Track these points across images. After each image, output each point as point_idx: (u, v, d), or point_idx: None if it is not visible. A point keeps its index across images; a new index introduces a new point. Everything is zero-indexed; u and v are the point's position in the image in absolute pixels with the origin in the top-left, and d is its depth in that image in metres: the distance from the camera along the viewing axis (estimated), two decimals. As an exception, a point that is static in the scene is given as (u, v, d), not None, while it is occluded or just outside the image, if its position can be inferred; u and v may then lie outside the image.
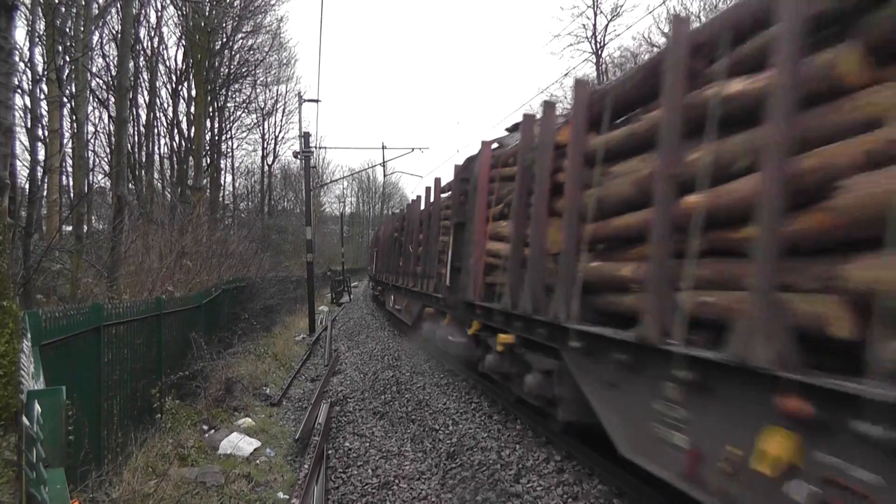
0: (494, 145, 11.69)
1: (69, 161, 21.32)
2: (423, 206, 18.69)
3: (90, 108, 25.66)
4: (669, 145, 5.65)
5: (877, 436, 3.46)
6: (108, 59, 28.17)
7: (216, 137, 38.33)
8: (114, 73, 26.14)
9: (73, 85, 20.15)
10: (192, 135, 32.89)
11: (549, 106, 8.66)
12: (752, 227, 4.56)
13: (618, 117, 7.26)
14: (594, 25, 39.78)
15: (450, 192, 14.65)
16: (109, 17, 26.01)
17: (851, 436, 3.63)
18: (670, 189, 5.56)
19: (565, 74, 52.56)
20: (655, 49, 33.54)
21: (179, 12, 32.53)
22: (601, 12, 39.76)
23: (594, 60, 39.78)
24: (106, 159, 28.20)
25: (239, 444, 9.92)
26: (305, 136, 30.22)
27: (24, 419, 3.17)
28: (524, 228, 9.11)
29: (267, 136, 50.13)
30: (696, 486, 5.02)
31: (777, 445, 4.15)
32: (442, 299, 14.13)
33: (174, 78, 34.06)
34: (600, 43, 39.87)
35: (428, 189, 17.93)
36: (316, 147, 40.51)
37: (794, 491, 4.03)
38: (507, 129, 10.93)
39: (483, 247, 11.15)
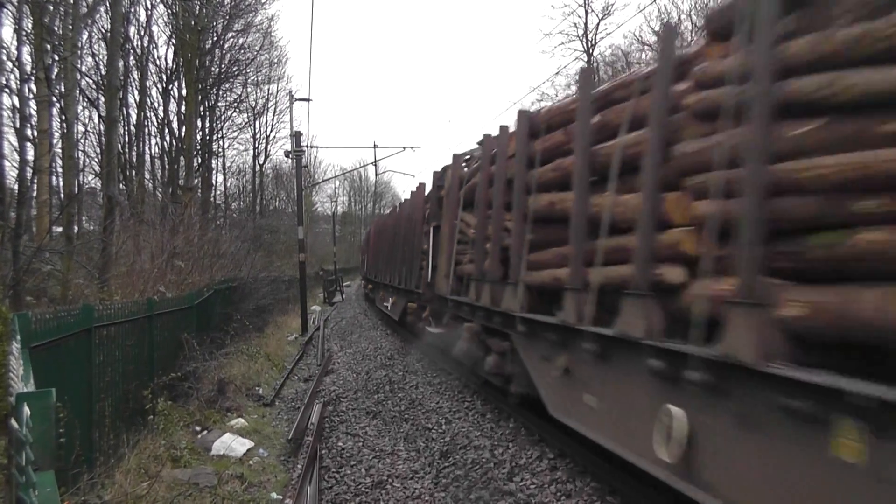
0: (467, 156, 13.10)
1: (59, 161, 21.20)
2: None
3: (80, 107, 25.52)
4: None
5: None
6: (97, 59, 28.00)
7: (207, 137, 38.17)
8: (103, 72, 25.97)
9: (63, 84, 20.03)
10: (183, 134, 32.71)
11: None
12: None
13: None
14: (585, 24, 39.86)
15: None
16: (98, 15, 25.87)
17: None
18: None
19: (557, 73, 52.75)
20: (646, 47, 33.64)
21: (169, 11, 32.35)
22: (592, 11, 39.83)
23: (585, 59, 39.83)
24: (96, 159, 28.05)
25: (232, 444, 9.89)
26: (297, 136, 30.18)
27: (13, 422, 3.14)
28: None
29: (258, 136, 49.91)
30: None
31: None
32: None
33: (164, 77, 33.87)
34: (591, 41, 39.95)
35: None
36: (307, 146, 40.43)
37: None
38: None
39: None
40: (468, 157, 12.96)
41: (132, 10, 29.46)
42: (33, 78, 17.85)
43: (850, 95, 4.04)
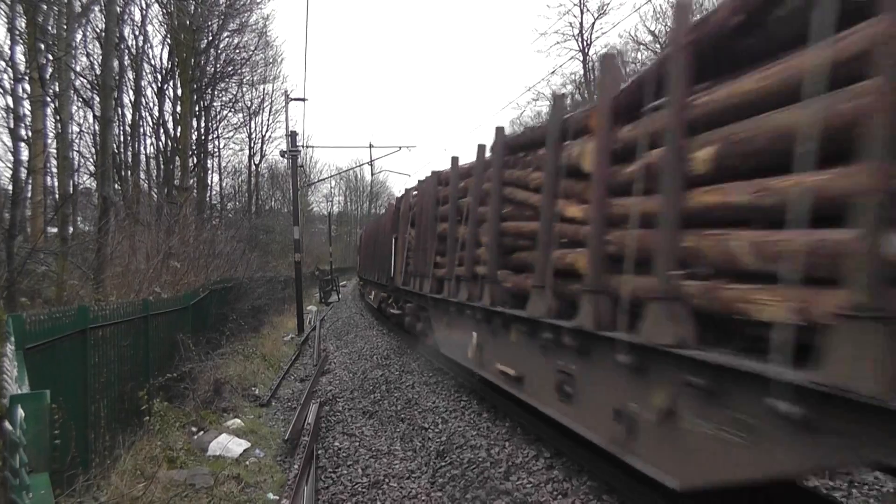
0: (415, 191, 17.37)
1: (53, 161, 21.12)
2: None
3: (74, 107, 25.42)
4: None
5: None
6: (92, 58, 27.98)
7: (202, 137, 38.15)
8: (98, 72, 25.96)
9: (57, 84, 19.92)
10: (179, 134, 32.70)
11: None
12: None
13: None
14: (581, 23, 39.91)
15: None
16: (93, 14, 25.80)
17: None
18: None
19: (552, 72, 52.72)
20: (642, 46, 33.66)
21: (164, 10, 32.31)
22: (587, 10, 39.92)
23: (581, 58, 39.87)
24: (91, 160, 27.99)
25: (228, 445, 9.89)
26: (292, 135, 30.14)
27: (7, 424, 3.12)
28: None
29: (254, 136, 49.90)
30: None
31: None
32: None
33: (159, 77, 33.86)
34: (587, 41, 39.99)
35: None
36: (303, 146, 40.40)
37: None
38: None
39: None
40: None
41: (127, 9, 29.43)
42: (27, 78, 17.77)
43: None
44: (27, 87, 18.08)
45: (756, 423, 4.30)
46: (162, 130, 33.51)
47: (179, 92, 33.44)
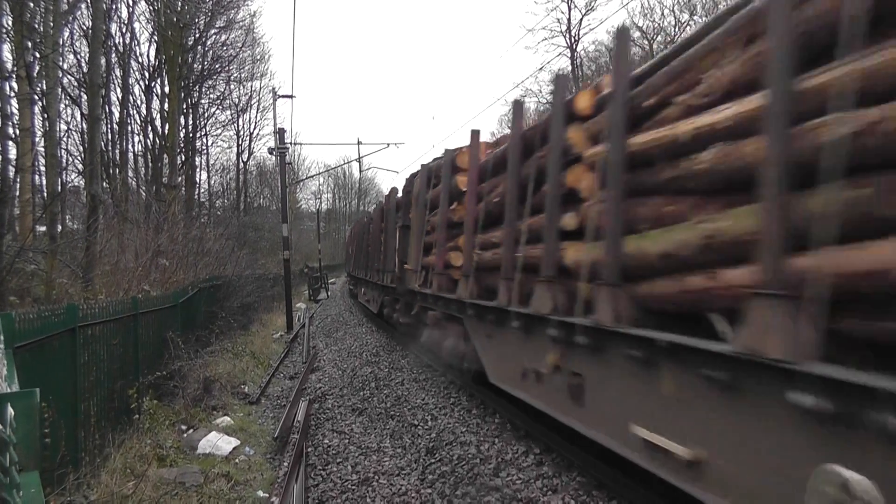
0: (398, 193, 16.89)
1: (41, 160, 21.03)
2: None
3: (62, 105, 25.28)
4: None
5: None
6: (79, 56, 27.81)
7: (190, 134, 38.06)
8: (85, 69, 25.80)
9: (44, 82, 19.84)
10: (166, 132, 32.55)
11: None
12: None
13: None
14: (568, 20, 40.01)
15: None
16: (79, 12, 25.71)
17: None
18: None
19: (540, 68, 52.75)
20: (630, 42, 33.70)
21: (151, 7, 32.20)
22: (575, 6, 39.98)
23: (569, 54, 39.93)
24: (79, 158, 27.82)
25: (218, 443, 9.89)
26: (280, 133, 30.10)
27: (-3, 423, 3.13)
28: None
29: (242, 133, 49.80)
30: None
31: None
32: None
33: (147, 74, 33.72)
34: (575, 37, 40.06)
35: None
36: (291, 143, 40.42)
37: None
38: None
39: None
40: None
41: (113, 6, 29.29)
42: (14, 76, 17.69)
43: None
44: (14, 85, 17.97)
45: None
46: (150, 128, 33.38)
47: (167, 89, 33.28)
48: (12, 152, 18.01)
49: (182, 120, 35.81)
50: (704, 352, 4.54)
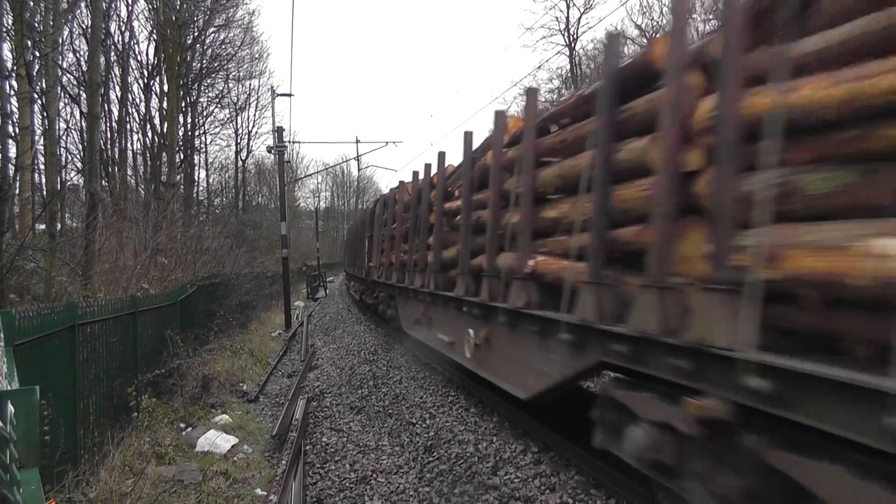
0: (379, 200, 21.09)
1: (41, 158, 21.05)
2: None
3: (61, 104, 25.25)
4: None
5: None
6: (78, 55, 27.83)
7: (189, 133, 38.06)
8: (84, 68, 25.81)
9: (44, 81, 19.85)
10: (165, 130, 32.57)
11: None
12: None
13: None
14: (567, 18, 39.99)
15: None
16: (79, 11, 25.70)
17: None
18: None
19: (538, 67, 52.80)
20: (629, 41, 33.72)
21: (150, 6, 32.22)
22: (574, 5, 39.96)
23: (567, 53, 39.94)
24: (78, 156, 27.79)
25: (216, 441, 9.91)
26: (279, 131, 30.12)
27: (-2, 420, 3.15)
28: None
29: (240, 131, 49.81)
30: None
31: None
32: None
33: (146, 73, 33.74)
34: (573, 35, 40.05)
35: (379, 198, 22.55)
36: (290, 142, 40.40)
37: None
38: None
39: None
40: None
41: (113, 5, 29.30)
42: (14, 74, 17.69)
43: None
44: (14, 83, 17.99)
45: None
46: (149, 126, 33.41)
47: (166, 88, 33.31)
48: (12, 150, 18.04)
49: (181, 118, 35.81)
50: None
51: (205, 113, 40.81)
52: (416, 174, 15.24)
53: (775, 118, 4.02)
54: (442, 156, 12.72)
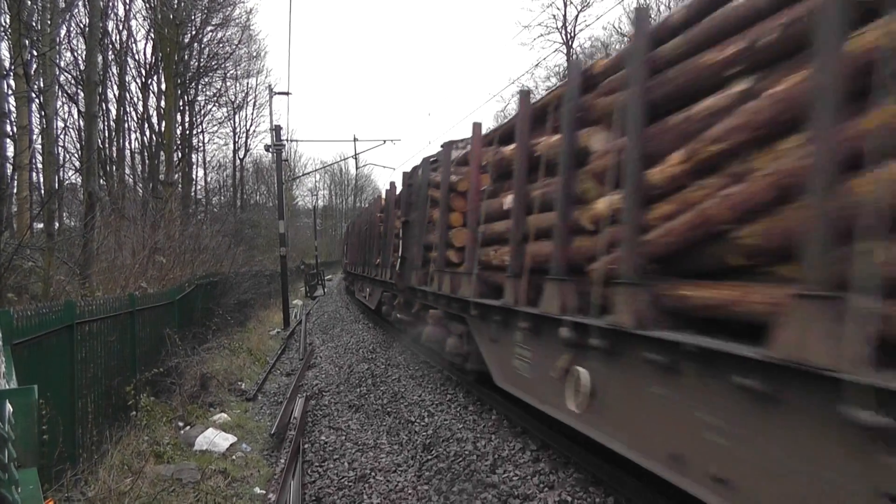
0: (433, 159, 14.22)
1: (39, 157, 21.01)
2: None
3: (59, 103, 25.21)
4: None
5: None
6: (76, 54, 27.76)
7: (187, 132, 38.00)
8: (82, 67, 25.76)
9: (41, 80, 19.83)
10: (163, 129, 32.54)
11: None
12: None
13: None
14: (564, 16, 40.04)
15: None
16: (76, 10, 25.65)
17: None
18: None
19: (536, 65, 52.78)
20: (626, 38, 33.73)
21: (147, 5, 32.19)
22: (571, 3, 39.95)
23: (565, 51, 39.95)
24: (76, 155, 27.76)
25: (214, 440, 9.91)
26: (277, 130, 30.10)
27: (-4, 419, 3.15)
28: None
29: (238, 130, 49.79)
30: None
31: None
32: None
33: (144, 72, 33.66)
34: (571, 33, 40.08)
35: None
36: (287, 140, 40.40)
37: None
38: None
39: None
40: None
41: (110, 4, 29.24)
42: (12, 73, 17.68)
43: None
44: (12, 82, 17.96)
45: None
46: (146, 125, 33.35)
47: (163, 86, 33.26)
48: (10, 150, 18.00)
49: (178, 117, 35.76)
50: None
51: (202, 112, 40.79)
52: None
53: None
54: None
